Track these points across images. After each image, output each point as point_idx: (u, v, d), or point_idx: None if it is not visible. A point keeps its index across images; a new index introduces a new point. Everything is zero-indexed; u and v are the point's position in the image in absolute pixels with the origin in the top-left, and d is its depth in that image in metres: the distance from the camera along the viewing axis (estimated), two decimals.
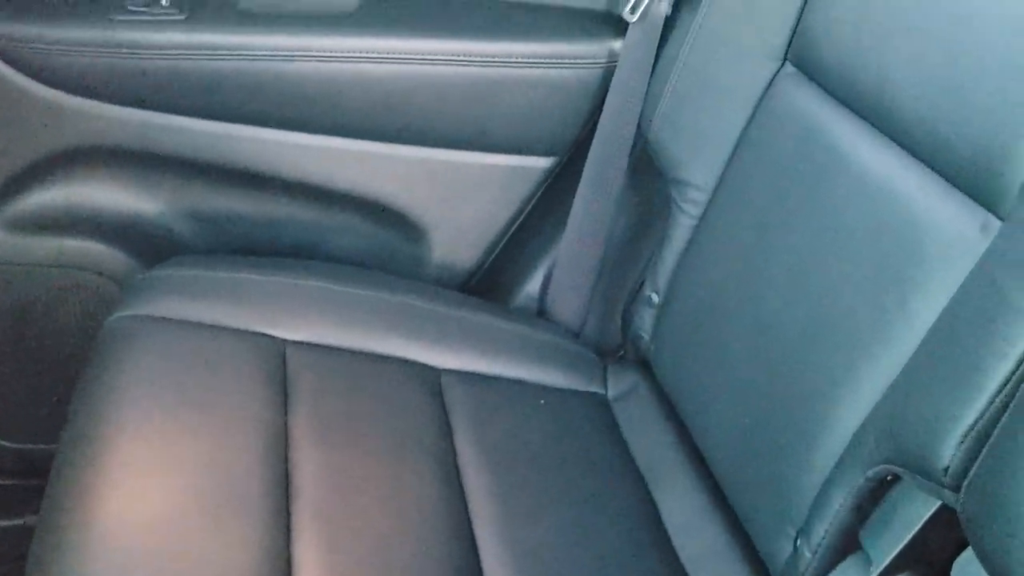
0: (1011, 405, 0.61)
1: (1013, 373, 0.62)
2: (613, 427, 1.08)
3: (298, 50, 1.09)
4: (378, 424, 0.95)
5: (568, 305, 1.21)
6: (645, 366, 1.12)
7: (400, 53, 1.11)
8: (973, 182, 0.74)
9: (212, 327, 0.98)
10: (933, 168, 0.78)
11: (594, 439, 1.05)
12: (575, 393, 1.11)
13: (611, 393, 1.12)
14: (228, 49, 1.08)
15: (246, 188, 1.17)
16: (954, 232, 0.74)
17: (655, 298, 1.09)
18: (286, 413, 0.92)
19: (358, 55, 1.11)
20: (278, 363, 0.97)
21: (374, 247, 1.24)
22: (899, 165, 0.81)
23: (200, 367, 0.94)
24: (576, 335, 1.21)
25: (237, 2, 1.11)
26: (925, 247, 0.76)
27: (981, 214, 0.72)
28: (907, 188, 0.79)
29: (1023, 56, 0.71)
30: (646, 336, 1.11)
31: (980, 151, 0.73)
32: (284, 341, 1.00)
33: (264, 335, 0.99)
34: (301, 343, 1.01)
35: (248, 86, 1.10)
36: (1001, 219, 0.71)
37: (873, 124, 0.84)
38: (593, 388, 1.12)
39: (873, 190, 0.82)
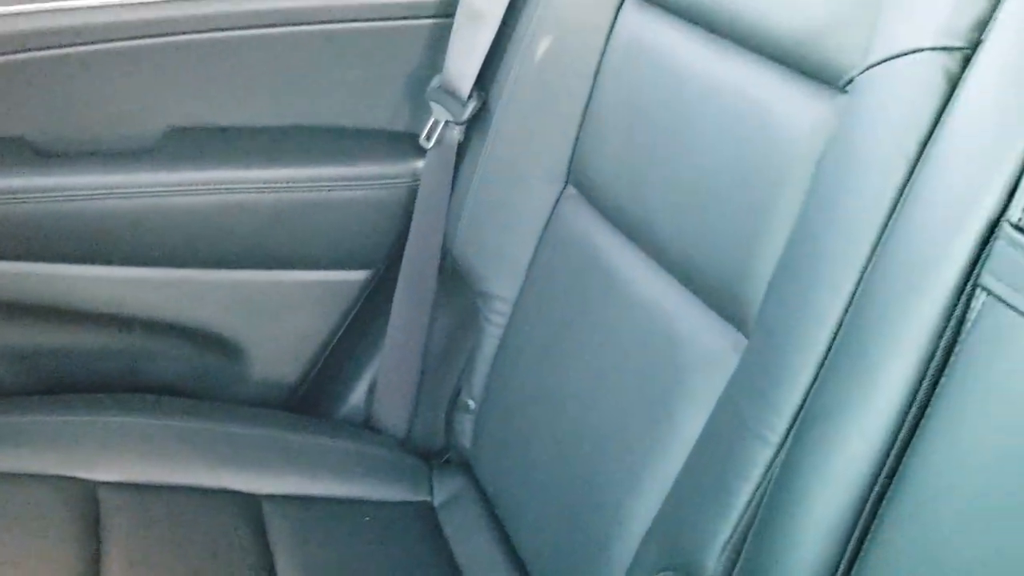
0: (755, 523, 0.67)
1: (755, 493, 0.69)
2: (438, 535, 1.11)
3: (100, 188, 1.10)
4: (195, 562, 0.95)
5: (393, 413, 1.24)
6: (469, 470, 1.16)
7: (205, 184, 1.14)
8: (722, 303, 0.81)
9: (14, 476, 0.97)
10: (689, 288, 0.85)
11: (418, 550, 1.08)
12: (401, 504, 1.13)
13: (437, 499, 1.15)
14: (28, 192, 1.08)
15: (56, 324, 1.17)
16: (710, 350, 0.81)
17: (471, 404, 1.14)
18: (98, 561, 0.92)
19: (162, 189, 1.12)
20: (89, 508, 0.97)
21: (194, 371, 1.25)
22: (662, 285, 0.88)
23: (4, 521, 0.93)
24: (402, 443, 1.24)
25: (34, 143, 1.11)
26: (686, 364, 0.83)
27: (732, 333, 0.80)
28: (670, 307, 0.86)
29: (753, 191, 0.79)
30: (466, 442, 1.15)
31: (725, 273, 0.80)
32: (95, 483, 0.99)
33: (73, 479, 0.99)
34: (114, 484, 1.00)
35: (51, 226, 1.10)
36: (748, 338, 0.78)
37: (639, 246, 0.92)
38: (419, 497, 1.15)
39: (641, 309, 0.89)
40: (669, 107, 0.89)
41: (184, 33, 1.10)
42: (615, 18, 0.98)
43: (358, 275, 1.25)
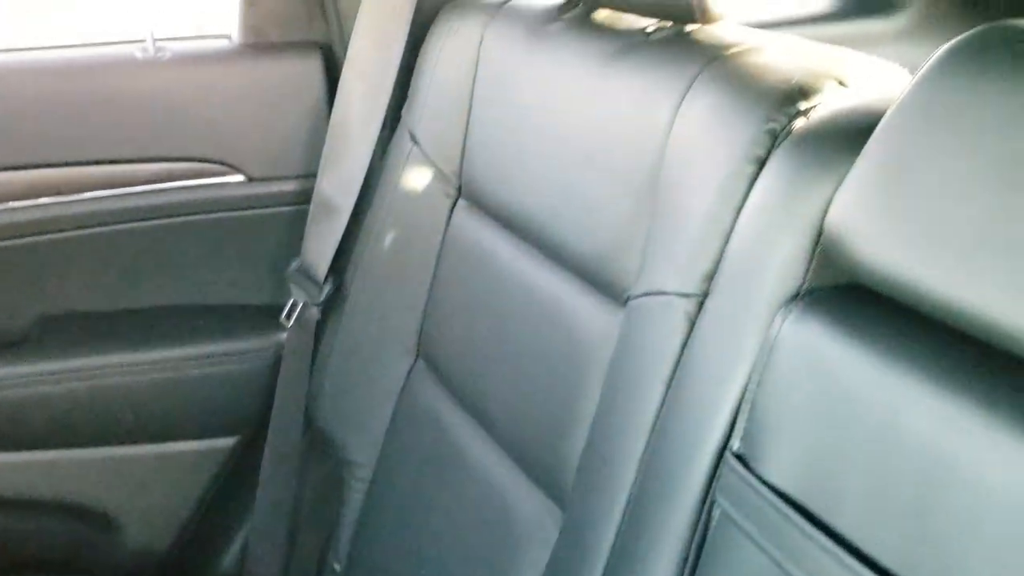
0: None
1: None
2: None
3: None
4: None
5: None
6: None
7: (79, 371, 1.20)
8: (545, 480, 0.92)
9: None
10: (520, 466, 0.96)
11: None
12: None
13: None
14: None
15: None
16: (537, 524, 0.91)
17: (337, 567, 1.21)
18: None
19: (38, 378, 1.18)
20: None
21: (70, 545, 1.28)
22: (497, 460, 0.98)
23: None
24: None
25: None
26: (518, 536, 0.92)
27: (554, 510, 0.90)
28: (504, 482, 0.96)
29: (562, 382, 0.90)
30: None
31: (545, 454, 0.91)
32: None
33: None
34: None
35: None
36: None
37: (478, 421, 1.02)
38: None
39: (480, 482, 0.99)
40: (495, 300, 1.01)
41: (54, 232, 1.18)
42: (449, 218, 1.11)
43: (227, 442, 1.31)
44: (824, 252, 0.63)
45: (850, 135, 0.63)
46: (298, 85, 1.25)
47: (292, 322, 1.23)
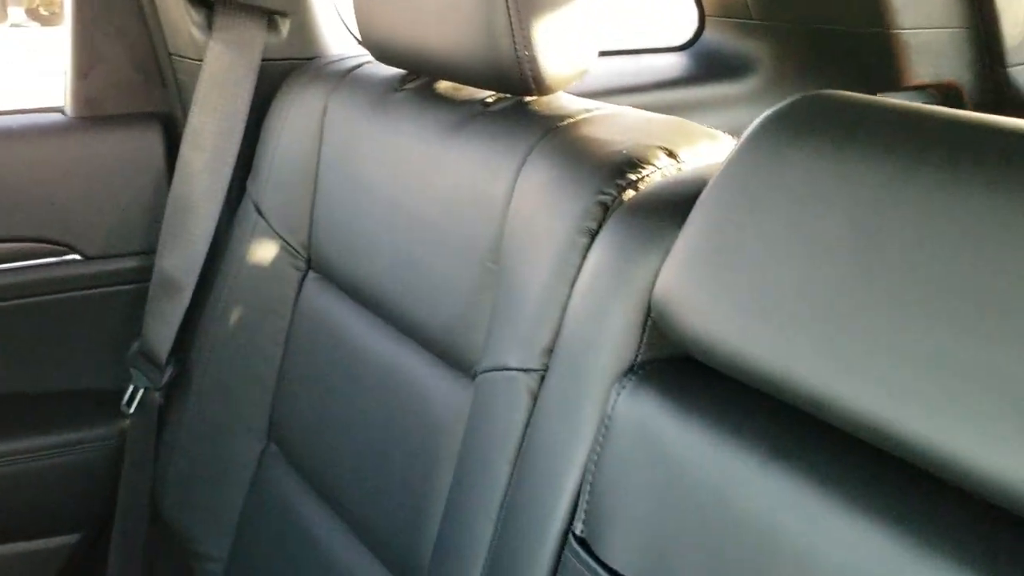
0: None
1: None
2: None
3: None
4: None
5: None
6: None
7: None
8: (401, 565, 0.87)
9: None
10: (373, 551, 0.91)
11: None
12: None
13: None
14: None
15: None
16: None
17: None
18: None
19: None
20: None
21: None
22: (351, 549, 0.93)
23: None
24: None
25: None
26: None
27: None
28: (356, 571, 0.92)
29: (417, 460, 0.87)
30: None
31: (402, 537, 0.87)
32: None
33: None
34: None
35: None
36: None
37: (330, 505, 0.97)
38: None
39: (322, 560, 0.94)
40: (347, 378, 0.97)
41: None
42: (299, 292, 1.06)
43: (68, 540, 1.22)
44: (655, 324, 0.62)
45: (677, 205, 0.63)
46: (136, 158, 1.19)
47: (134, 408, 1.16)
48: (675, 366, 0.61)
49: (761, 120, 0.58)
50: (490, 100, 0.88)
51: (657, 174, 0.70)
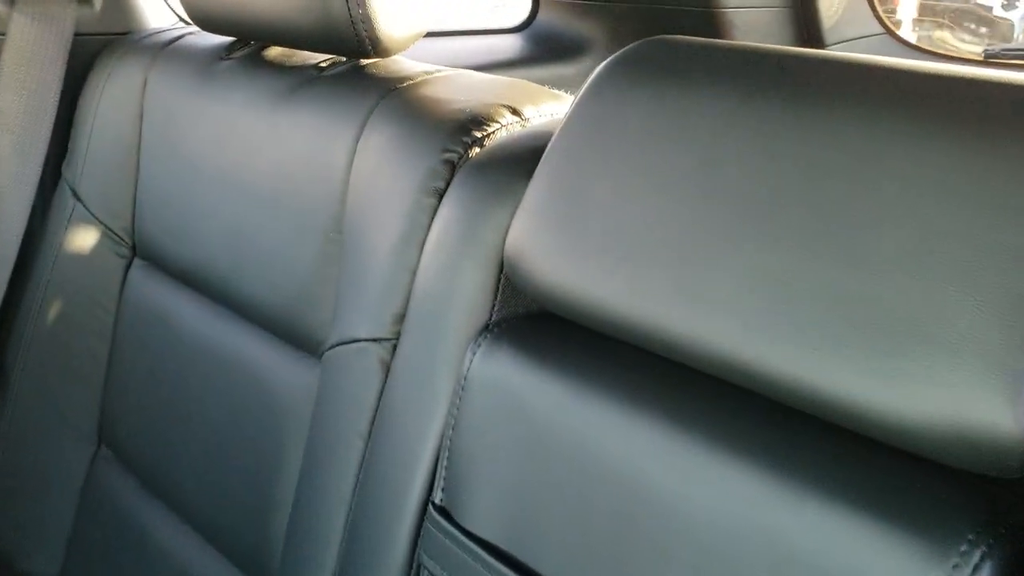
0: None
1: None
2: None
3: None
4: None
5: None
6: None
7: None
8: (250, 562, 0.82)
9: None
10: (222, 551, 0.86)
11: None
12: None
13: None
14: None
15: None
16: None
17: None
18: None
19: None
20: None
21: None
22: (197, 550, 0.87)
23: None
24: None
25: None
26: None
27: None
28: (195, 562, 0.86)
29: (258, 447, 0.82)
30: None
31: (246, 530, 0.82)
32: None
33: None
34: None
35: None
36: None
37: (169, 506, 0.91)
38: None
39: (167, 568, 0.88)
40: (182, 369, 0.91)
41: None
42: (124, 281, 0.99)
43: None
44: (508, 281, 0.60)
45: (524, 159, 0.61)
46: None
47: None
48: (530, 322, 0.60)
49: (604, 66, 0.57)
50: (324, 65, 0.84)
51: (502, 131, 0.68)
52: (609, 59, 0.56)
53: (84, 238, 1.01)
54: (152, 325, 0.95)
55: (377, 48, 0.78)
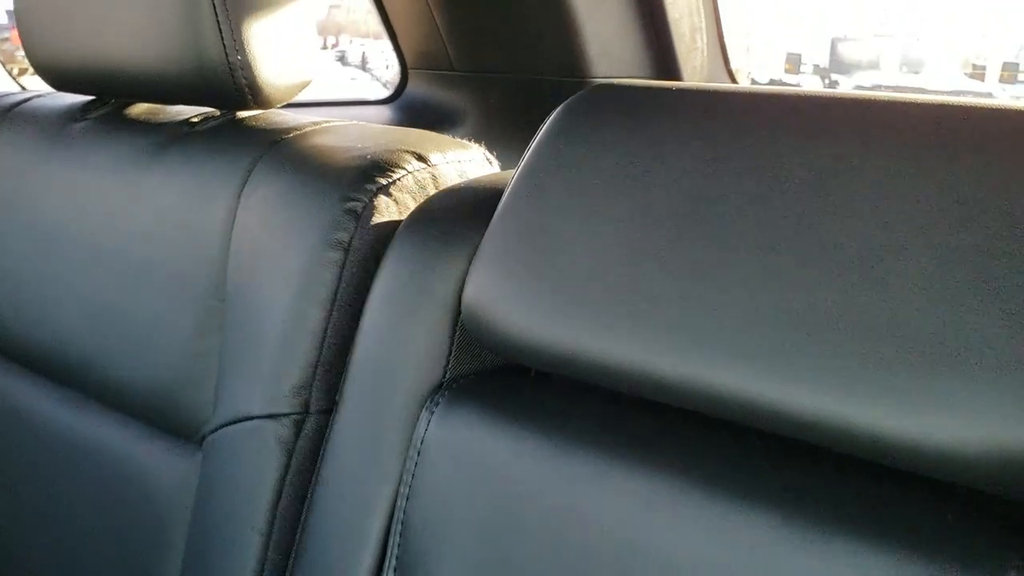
0: None
1: None
2: None
3: None
4: None
5: None
6: None
7: None
8: None
9: None
10: None
11: None
12: None
13: None
14: None
15: None
16: None
17: None
18: None
19: None
20: None
21: None
22: None
23: None
24: None
25: None
26: None
27: None
28: None
29: (133, 547, 0.71)
30: None
31: None
32: None
33: None
34: None
35: None
36: None
37: None
38: None
39: None
40: (40, 473, 0.79)
41: None
42: None
43: None
44: (464, 335, 0.55)
45: (474, 206, 0.57)
46: None
47: None
48: (491, 377, 0.55)
49: (559, 112, 0.55)
50: (195, 120, 0.76)
51: (408, 178, 0.62)
52: (562, 106, 0.55)
53: None
54: (3, 425, 0.83)
55: (258, 98, 0.71)
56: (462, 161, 0.66)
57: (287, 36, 0.72)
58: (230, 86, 0.70)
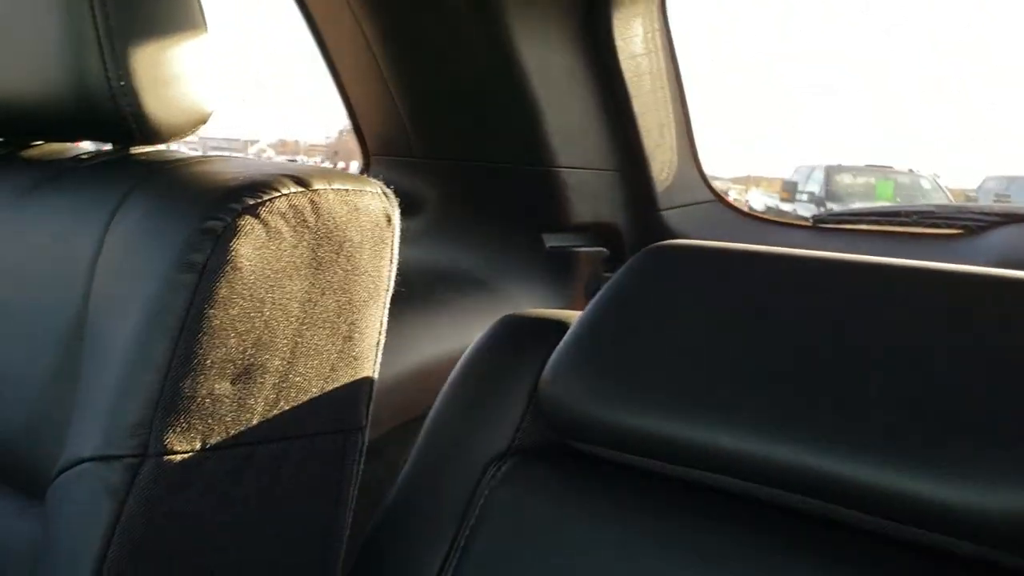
0: None
1: None
2: None
3: None
4: None
5: None
6: None
7: None
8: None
9: None
10: None
11: None
12: None
13: None
14: None
15: None
16: None
17: None
18: None
19: None
20: None
21: None
22: None
23: None
24: None
25: None
26: None
27: None
28: None
29: None
30: None
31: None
32: None
33: None
34: None
35: None
36: None
37: None
38: None
39: None
40: None
41: None
42: None
43: None
44: (534, 413, 0.63)
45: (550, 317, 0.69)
46: None
47: None
48: (552, 454, 0.61)
49: (634, 260, 0.66)
50: (85, 156, 0.71)
51: (282, 200, 0.57)
52: (637, 256, 0.66)
53: None
54: None
55: (144, 130, 0.66)
56: (350, 191, 0.61)
57: (180, 65, 0.67)
58: (114, 115, 0.65)
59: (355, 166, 1.66)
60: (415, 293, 1.37)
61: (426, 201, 1.54)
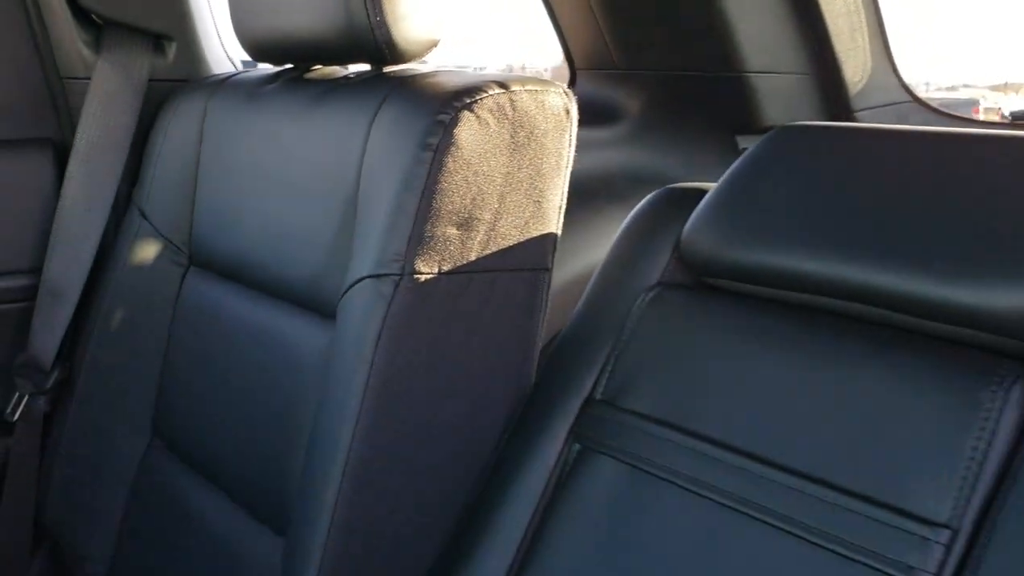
0: None
1: None
2: None
3: None
4: None
5: None
6: None
7: None
8: (269, 513, 0.90)
9: None
10: (246, 509, 0.93)
11: None
12: None
13: None
14: None
15: None
16: (261, 563, 0.89)
17: None
18: None
19: None
20: None
21: None
22: (229, 514, 0.95)
23: None
24: None
25: None
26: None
27: (278, 540, 0.88)
28: (231, 532, 0.94)
29: (278, 407, 0.90)
30: None
31: (268, 481, 0.90)
32: None
33: None
34: None
35: None
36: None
37: (217, 484, 1.00)
38: None
39: (208, 543, 0.96)
40: (223, 354, 1.01)
41: None
42: (181, 287, 1.11)
43: None
44: (679, 258, 0.79)
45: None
46: (27, 182, 1.23)
47: (18, 416, 1.16)
48: (692, 289, 0.78)
49: (770, 135, 0.79)
50: (352, 76, 0.96)
51: (489, 99, 0.79)
52: (768, 134, 0.78)
53: (147, 251, 1.13)
54: (203, 322, 1.06)
55: (394, 53, 0.90)
56: (539, 91, 0.82)
57: (419, 2, 0.91)
58: (372, 44, 0.89)
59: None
60: (618, 193, 1.56)
61: (627, 110, 1.71)
